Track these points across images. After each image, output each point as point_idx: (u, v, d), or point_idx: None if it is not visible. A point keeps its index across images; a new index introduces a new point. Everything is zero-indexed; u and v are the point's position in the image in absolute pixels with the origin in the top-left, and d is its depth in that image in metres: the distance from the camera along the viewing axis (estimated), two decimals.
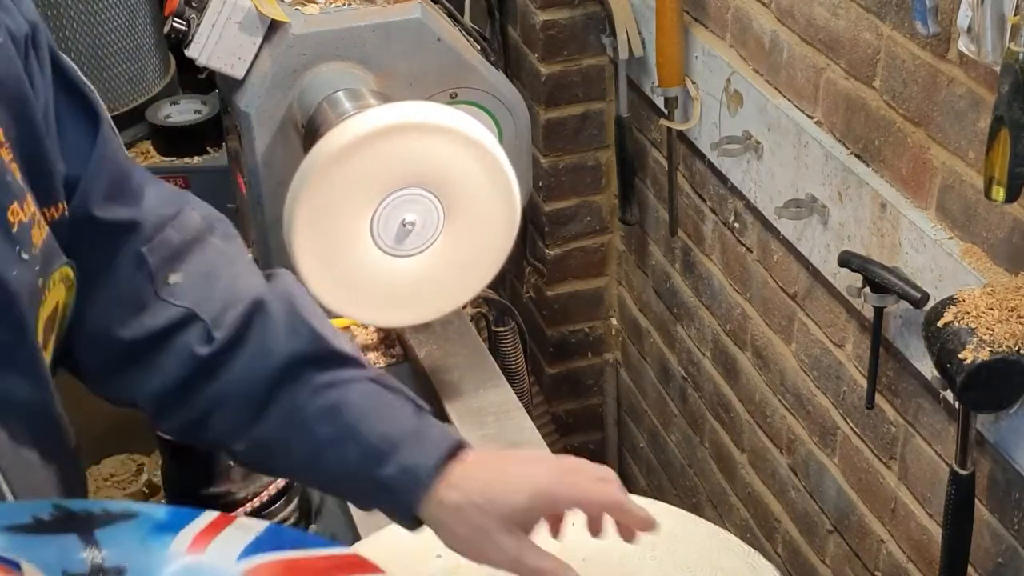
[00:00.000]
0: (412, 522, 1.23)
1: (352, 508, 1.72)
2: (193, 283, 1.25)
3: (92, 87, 1.22)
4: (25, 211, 1.10)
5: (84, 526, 1.10)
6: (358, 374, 1.25)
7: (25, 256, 1.11)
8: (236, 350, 1.23)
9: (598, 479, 1.22)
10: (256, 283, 1.27)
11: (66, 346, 1.23)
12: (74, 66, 1.22)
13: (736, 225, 2.17)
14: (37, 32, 1.15)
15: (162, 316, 1.24)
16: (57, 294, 1.17)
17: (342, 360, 1.25)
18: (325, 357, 1.24)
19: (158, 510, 1.15)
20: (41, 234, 1.13)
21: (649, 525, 1.22)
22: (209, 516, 1.15)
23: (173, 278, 1.25)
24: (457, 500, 1.19)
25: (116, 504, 1.15)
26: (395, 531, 1.46)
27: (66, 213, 1.18)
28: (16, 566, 1.03)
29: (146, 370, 1.25)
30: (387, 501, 1.23)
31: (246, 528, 1.15)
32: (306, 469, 1.25)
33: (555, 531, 1.26)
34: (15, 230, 1.09)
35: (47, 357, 1.18)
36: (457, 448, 1.21)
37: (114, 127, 1.25)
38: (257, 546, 1.13)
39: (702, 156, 2.24)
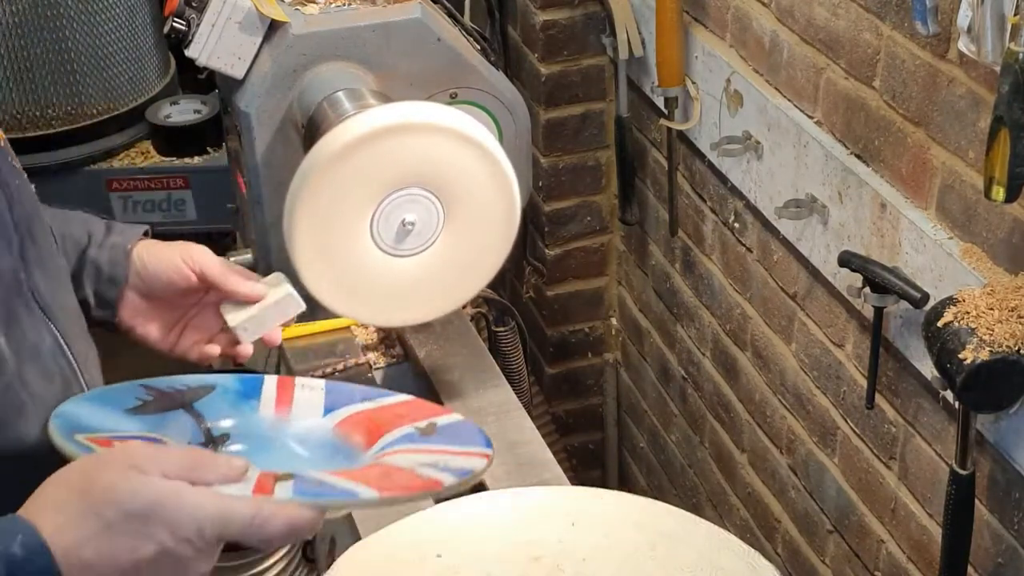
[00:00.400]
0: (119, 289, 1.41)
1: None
2: None
3: None
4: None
5: (182, 402, 1.26)
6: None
7: (16, 166, 1.27)
8: None
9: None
10: None
11: None
12: None
13: (736, 225, 2.17)
14: None
15: None
16: None
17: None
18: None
19: (229, 381, 1.33)
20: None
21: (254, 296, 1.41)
22: (273, 379, 1.34)
23: None
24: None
25: (191, 379, 1.32)
26: (395, 531, 1.47)
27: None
28: (158, 442, 1.18)
29: None
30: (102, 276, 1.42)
31: (310, 387, 1.34)
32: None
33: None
34: (3, 144, 1.24)
35: None
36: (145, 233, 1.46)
37: None
38: (333, 404, 1.31)
39: (702, 156, 2.24)
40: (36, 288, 1.24)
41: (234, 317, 1.40)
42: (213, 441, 1.25)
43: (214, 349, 1.43)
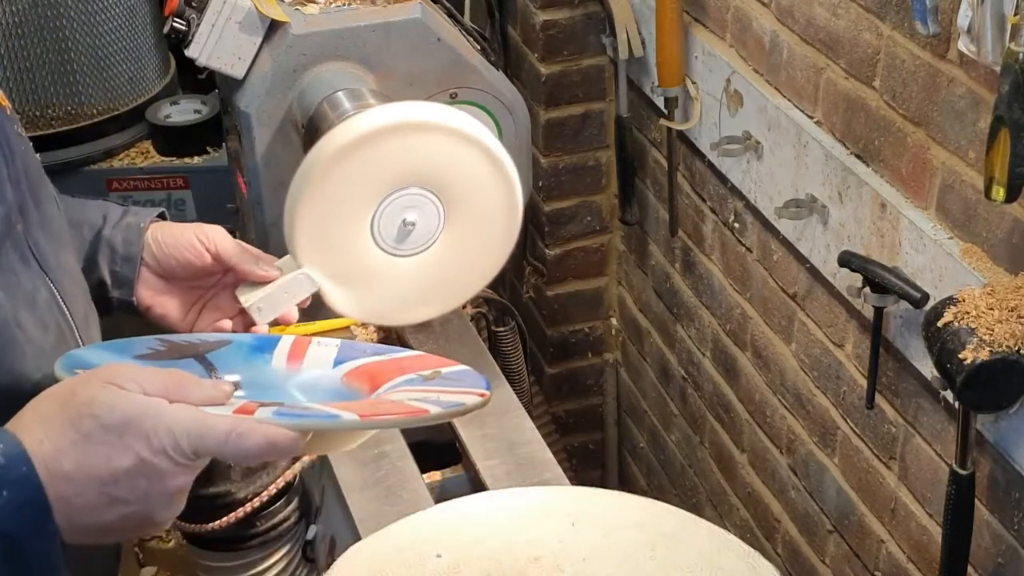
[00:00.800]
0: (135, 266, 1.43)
1: (352, 509, 1.72)
2: None
3: None
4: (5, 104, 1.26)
5: (195, 352, 1.29)
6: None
7: (21, 133, 1.28)
8: None
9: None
10: None
11: None
12: None
13: (736, 225, 2.17)
14: None
15: None
16: None
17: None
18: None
19: (245, 338, 1.36)
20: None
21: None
22: (288, 339, 1.36)
23: None
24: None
25: (207, 335, 1.36)
26: (395, 531, 1.47)
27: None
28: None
29: None
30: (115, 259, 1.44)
31: (325, 344, 1.36)
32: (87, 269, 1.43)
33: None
34: (9, 112, 1.25)
35: None
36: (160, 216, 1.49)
37: None
38: (343, 357, 1.34)
39: (702, 156, 2.24)
40: (36, 244, 1.25)
41: (248, 298, 1.41)
42: None
43: (226, 324, 1.44)
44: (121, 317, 1.45)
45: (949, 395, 1.58)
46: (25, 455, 1.00)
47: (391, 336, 2.05)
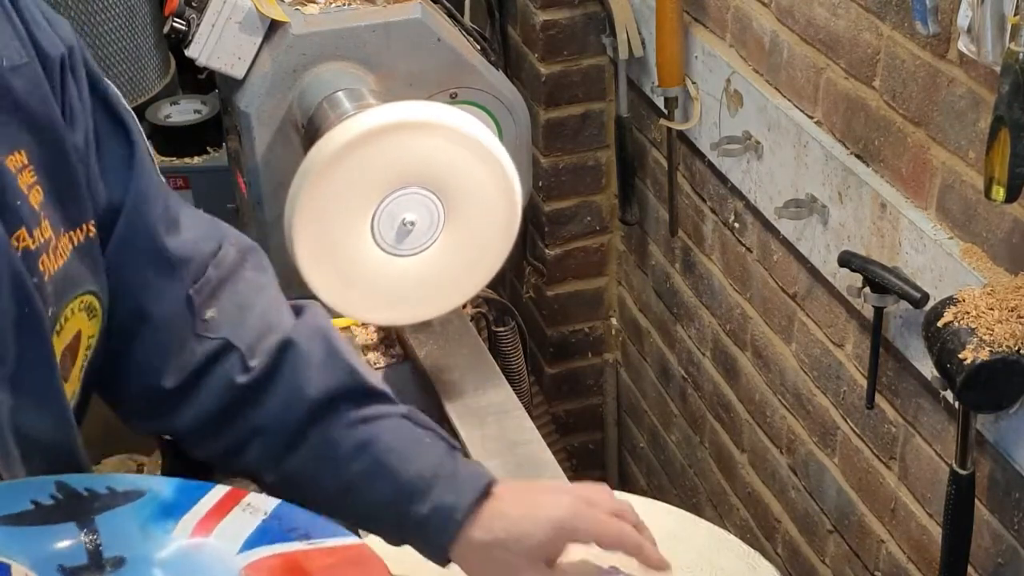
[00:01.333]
0: (443, 559, 1.24)
1: None
2: (228, 316, 1.25)
3: (130, 109, 1.22)
4: (35, 238, 1.08)
5: (84, 511, 1.07)
6: (391, 410, 1.26)
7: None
8: (272, 381, 1.24)
9: (616, 512, 1.25)
10: (287, 316, 1.28)
11: (100, 380, 1.22)
12: (114, 88, 1.22)
13: (736, 225, 2.17)
14: (73, 53, 1.15)
15: (199, 352, 1.24)
16: (77, 323, 1.15)
17: (376, 396, 1.26)
18: (360, 393, 1.25)
19: (166, 487, 1.12)
20: (56, 262, 1.11)
21: (663, 566, 1.24)
22: (217, 494, 1.12)
23: (209, 313, 1.25)
24: (486, 539, 1.21)
25: (121, 480, 1.12)
26: None
27: (91, 235, 1.16)
28: (5, 569, 1.00)
29: (184, 405, 1.25)
30: (419, 538, 1.24)
31: (254, 510, 1.12)
32: (337, 503, 1.24)
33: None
34: (19, 255, 1.07)
35: (70, 390, 1.15)
36: (488, 486, 1.23)
37: (151, 151, 1.25)
38: (262, 535, 1.10)
39: (702, 156, 2.24)
40: None
41: None
42: (100, 564, 1.04)
43: None
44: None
45: (949, 395, 1.57)
46: None
47: (391, 335, 2.05)
